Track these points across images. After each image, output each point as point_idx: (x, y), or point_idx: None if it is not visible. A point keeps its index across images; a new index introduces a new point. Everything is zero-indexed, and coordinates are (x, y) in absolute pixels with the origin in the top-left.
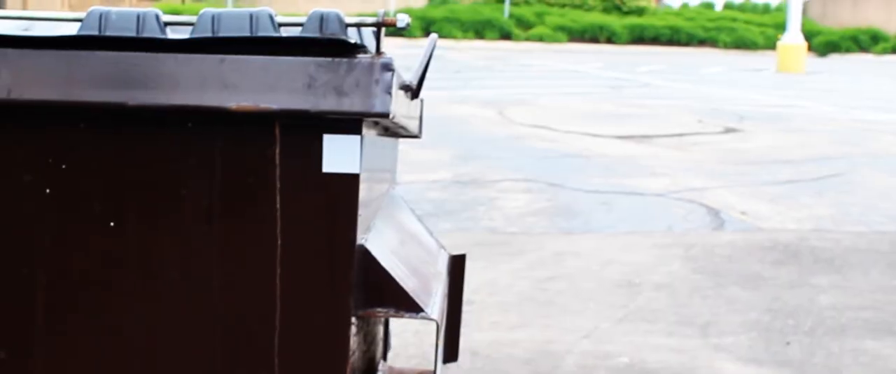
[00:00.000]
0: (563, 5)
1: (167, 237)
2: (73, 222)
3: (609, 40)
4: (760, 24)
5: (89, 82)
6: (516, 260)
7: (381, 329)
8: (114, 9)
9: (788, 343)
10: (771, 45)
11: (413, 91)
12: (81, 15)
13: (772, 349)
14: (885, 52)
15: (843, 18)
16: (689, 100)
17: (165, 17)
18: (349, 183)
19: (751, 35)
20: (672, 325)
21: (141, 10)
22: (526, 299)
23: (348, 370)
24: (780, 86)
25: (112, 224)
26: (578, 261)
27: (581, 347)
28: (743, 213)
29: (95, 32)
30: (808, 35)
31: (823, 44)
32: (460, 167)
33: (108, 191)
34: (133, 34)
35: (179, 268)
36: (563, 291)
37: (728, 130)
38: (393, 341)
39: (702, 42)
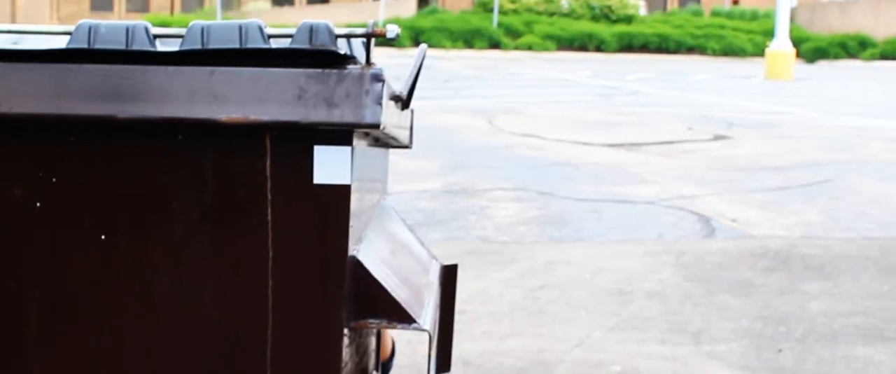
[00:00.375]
0: (552, 14)
1: (158, 250)
2: (63, 235)
3: (598, 49)
4: (749, 31)
5: (79, 95)
6: (507, 269)
7: (373, 341)
8: (103, 22)
9: (780, 350)
10: (759, 52)
11: (403, 101)
12: (71, 28)
13: (763, 356)
14: (873, 57)
15: (831, 24)
16: (678, 107)
17: (155, 30)
18: (340, 194)
19: (739, 42)
20: (664, 333)
21: (130, 22)
22: (518, 308)
23: None
24: (769, 92)
25: (103, 237)
26: (570, 269)
27: (573, 356)
28: (733, 220)
29: (85, 45)
30: (797, 41)
31: (812, 50)
32: (450, 177)
33: (98, 204)
34: (122, 47)
35: (171, 280)
36: (555, 299)
37: (717, 138)
38: None
39: (690, 49)
